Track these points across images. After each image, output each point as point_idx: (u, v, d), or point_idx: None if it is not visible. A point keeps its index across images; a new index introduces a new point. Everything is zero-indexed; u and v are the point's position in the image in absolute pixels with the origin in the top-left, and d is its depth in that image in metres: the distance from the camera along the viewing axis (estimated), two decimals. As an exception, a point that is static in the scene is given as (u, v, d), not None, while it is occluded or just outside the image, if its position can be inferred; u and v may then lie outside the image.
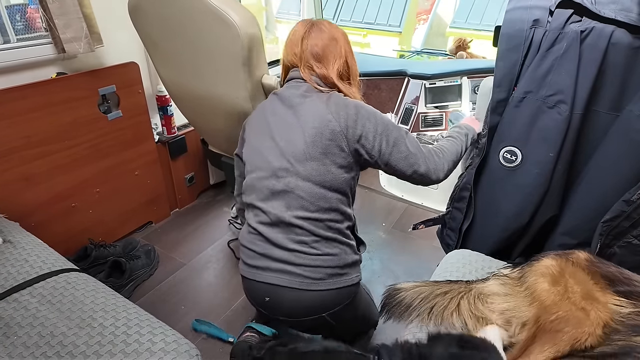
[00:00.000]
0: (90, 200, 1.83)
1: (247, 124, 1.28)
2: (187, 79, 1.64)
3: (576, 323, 0.82)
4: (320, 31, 1.18)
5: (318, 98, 1.14)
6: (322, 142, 1.09)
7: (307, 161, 1.10)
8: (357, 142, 1.11)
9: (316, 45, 1.17)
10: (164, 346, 0.93)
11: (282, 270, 1.12)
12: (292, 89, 1.18)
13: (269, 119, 1.19)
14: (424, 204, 2.39)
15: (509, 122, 1.20)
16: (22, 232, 1.32)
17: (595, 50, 1.05)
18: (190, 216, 2.28)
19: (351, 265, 1.17)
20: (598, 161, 1.13)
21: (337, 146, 1.10)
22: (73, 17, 1.54)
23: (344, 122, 1.10)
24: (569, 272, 0.88)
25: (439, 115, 2.43)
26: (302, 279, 1.11)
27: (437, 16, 6.81)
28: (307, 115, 1.12)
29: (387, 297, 1.04)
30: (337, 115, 1.10)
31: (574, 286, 0.86)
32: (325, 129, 1.09)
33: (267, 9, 5.44)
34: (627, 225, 1.06)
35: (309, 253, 1.11)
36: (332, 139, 1.09)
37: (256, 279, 1.16)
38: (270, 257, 1.14)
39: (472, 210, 1.34)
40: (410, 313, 1.00)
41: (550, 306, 0.86)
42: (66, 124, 1.66)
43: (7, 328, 0.96)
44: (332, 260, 1.12)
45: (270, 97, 1.25)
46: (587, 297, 0.84)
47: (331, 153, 1.10)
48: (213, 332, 1.54)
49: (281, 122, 1.16)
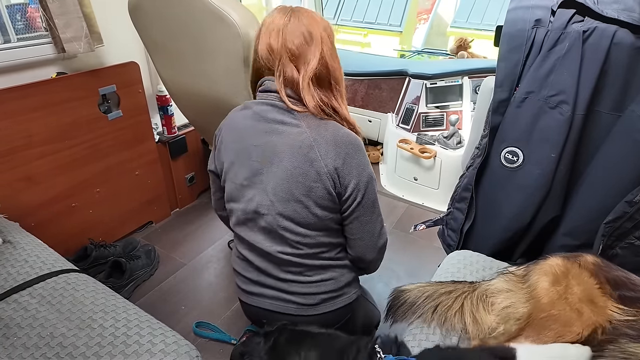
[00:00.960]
0: (90, 200, 1.83)
1: (221, 143, 1.09)
2: (187, 78, 1.63)
3: (565, 322, 0.83)
4: (300, 24, 0.97)
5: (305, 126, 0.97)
6: (306, 184, 0.97)
7: (289, 202, 0.99)
8: (341, 186, 0.99)
9: (292, 42, 0.97)
10: (164, 347, 0.93)
11: (276, 297, 1.09)
12: (269, 106, 1.01)
13: (246, 143, 1.02)
14: (425, 204, 2.39)
15: (511, 123, 1.19)
16: (22, 232, 1.32)
17: (598, 51, 1.05)
18: (191, 216, 2.27)
19: (348, 285, 1.12)
20: (600, 162, 1.13)
21: (321, 188, 0.97)
22: (73, 16, 1.53)
23: (332, 164, 0.96)
24: (573, 273, 0.88)
25: (440, 115, 2.42)
26: (297, 305, 1.07)
27: (437, 16, 6.80)
28: (291, 149, 0.97)
29: (392, 299, 1.03)
30: (326, 154, 0.96)
31: (574, 287, 0.85)
32: (308, 170, 0.96)
33: (268, 9, 5.43)
34: (629, 227, 1.05)
35: (302, 282, 1.07)
36: (316, 181, 0.97)
37: (252, 303, 1.14)
38: (263, 285, 1.10)
39: (474, 211, 1.34)
40: (415, 311, 1.00)
41: (545, 304, 0.86)
42: (66, 124, 1.65)
43: (7, 329, 0.96)
44: (327, 285, 1.08)
45: (243, 112, 1.06)
46: (585, 300, 0.84)
47: (316, 195, 0.98)
48: (215, 336, 1.54)
49: (260, 151, 1.00)
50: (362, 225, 1.05)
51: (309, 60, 0.97)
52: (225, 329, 1.56)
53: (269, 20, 1.01)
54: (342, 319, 1.14)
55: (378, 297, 1.46)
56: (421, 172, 2.36)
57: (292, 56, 0.97)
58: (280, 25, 0.98)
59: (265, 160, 1.00)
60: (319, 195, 0.98)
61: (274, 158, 0.99)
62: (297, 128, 0.98)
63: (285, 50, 0.97)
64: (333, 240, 1.08)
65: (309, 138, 0.97)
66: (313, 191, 0.98)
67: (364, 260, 1.12)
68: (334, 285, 1.08)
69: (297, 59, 0.98)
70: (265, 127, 1.01)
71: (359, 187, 1.00)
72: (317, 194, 0.98)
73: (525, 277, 0.95)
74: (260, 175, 1.01)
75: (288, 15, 0.99)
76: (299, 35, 0.97)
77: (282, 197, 0.99)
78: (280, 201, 0.99)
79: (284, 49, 0.97)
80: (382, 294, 1.60)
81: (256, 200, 1.02)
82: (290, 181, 0.98)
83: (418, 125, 2.43)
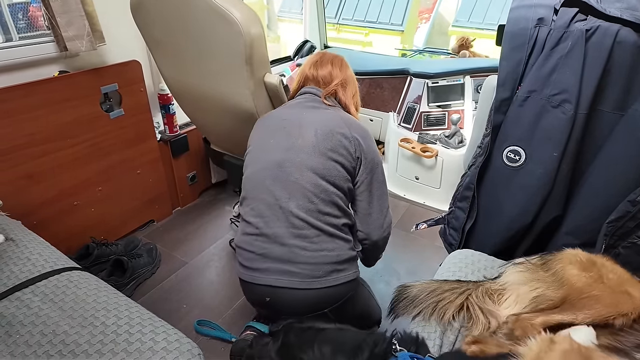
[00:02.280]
0: (92, 199, 1.83)
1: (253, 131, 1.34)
2: (189, 77, 1.63)
3: (610, 303, 0.81)
4: (349, 69, 1.39)
5: (333, 110, 1.26)
6: (333, 141, 1.16)
7: (314, 154, 1.15)
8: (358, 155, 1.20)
9: (345, 76, 1.36)
10: (166, 345, 0.93)
11: (281, 271, 1.12)
12: (303, 99, 1.30)
13: (278, 119, 1.27)
14: (426, 203, 2.39)
15: (513, 122, 1.19)
16: (24, 230, 1.32)
17: (601, 49, 1.04)
18: (192, 215, 2.28)
19: (349, 261, 1.18)
20: (603, 161, 1.13)
21: (345, 148, 1.17)
22: (75, 15, 1.53)
23: (356, 132, 1.20)
24: (600, 262, 0.88)
25: (442, 115, 2.42)
26: (302, 277, 1.11)
27: (439, 15, 6.80)
28: (322, 117, 1.21)
29: (397, 295, 1.04)
30: (350, 127, 1.20)
31: (609, 274, 0.85)
32: (336, 131, 1.18)
33: (269, 8, 5.43)
34: (632, 226, 1.05)
35: (309, 249, 1.12)
36: (342, 140, 1.17)
37: (255, 282, 1.16)
38: (269, 257, 1.14)
39: (475, 210, 1.34)
40: (416, 305, 1.00)
41: (582, 287, 0.85)
42: (68, 123, 1.65)
43: (10, 327, 0.96)
44: (331, 256, 1.13)
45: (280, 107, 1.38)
46: (628, 284, 0.83)
47: (338, 153, 1.16)
48: (216, 334, 1.54)
49: (291, 122, 1.22)
50: (372, 199, 1.24)
51: (352, 91, 1.37)
52: (226, 327, 1.56)
53: (328, 56, 1.39)
54: (343, 296, 1.17)
55: (379, 296, 1.46)
56: (423, 172, 2.35)
57: (345, 84, 1.35)
58: (339, 63, 1.37)
59: (296, 125, 1.20)
60: (342, 153, 1.17)
61: (306, 125, 1.19)
62: (327, 109, 1.26)
63: (340, 78, 1.34)
64: (345, 207, 1.20)
65: (338, 115, 1.24)
66: (337, 149, 1.16)
67: (371, 238, 1.27)
68: (336, 258, 1.14)
69: (346, 87, 1.35)
70: (300, 109, 1.27)
71: (373, 163, 1.22)
72: (340, 152, 1.17)
73: (545, 265, 0.95)
74: (289, 137, 1.19)
75: (343, 61, 1.40)
76: (350, 74, 1.38)
77: (308, 151, 1.16)
78: (307, 153, 1.16)
79: (339, 77, 1.34)
80: (383, 293, 1.60)
81: (280, 157, 1.17)
82: (318, 137, 1.16)
83: (420, 124, 2.43)
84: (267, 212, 1.16)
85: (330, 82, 1.33)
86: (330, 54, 1.41)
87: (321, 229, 1.13)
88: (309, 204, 1.13)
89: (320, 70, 1.34)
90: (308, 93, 1.32)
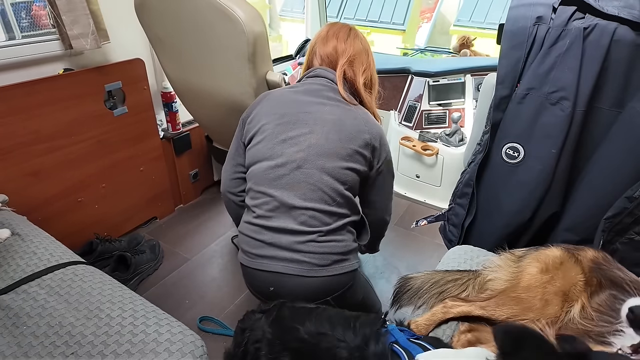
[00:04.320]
0: (96, 196, 1.85)
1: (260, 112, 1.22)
2: (192, 75, 1.65)
3: (526, 307, 0.86)
4: (359, 39, 1.26)
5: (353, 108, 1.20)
6: (354, 145, 1.14)
7: (334, 158, 1.12)
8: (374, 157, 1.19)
9: (355, 49, 1.23)
10: (169, 337, 0.94)
11: (289, 259, 1.11)
12: (322, 85, 1.21)
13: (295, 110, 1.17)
14: (427, 201, 2.40)
15: (512, 119, 1.20)
16: (30, 225, 1.34)
17: (598, 47, 1.06)
18: (195, 212, 2.30)
19: (352, 252, 1.19)
20: (600, 157, 1.14)
21: (363, 156, 1.15)
22: (80, 13, 1.55)
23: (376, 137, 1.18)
24: (565, 266, 0.89)
25: (442, 113, 2.43)
26: (309, 266, 1.11)
27: (440, 14, 6.80)
28: (343, 116, 1.15)
29: (399, 286, 1.06)
30: (371, 129, 1.17)
31: (558, 281, 0.87)
32: (359, 137, 1.14)
33: (271, 7, 5.44)
34: (629, 222, 1.06)
35: (318, 241, 1.11)
36: (362, 147, 1.15)
37: (261, 268, 1.15)
38: (278, 246, 1.13)
39: (475, 207, 1.35)
40: (420, 296, 1.03)
41: (521, 287, 0.90)
42: (73, 120, 1.68)
43: (17, 318, 0.98)
44: (338, 246, 1.14)
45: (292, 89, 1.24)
46: (560, 293, 0.86)
47: (357, 161, 1.15)
48: (218, 331, 1.56)
49: (312, 117, 1.15)
50: (380, 190, 1.27)
51: (363, 69, 1.24)
52: (228, 323, 1.58)
53: (336, 28, 1.26)
54: (344, 285, 1.17)
55: (380, 292, 1.47)
56: (423, 170, 2.37)
57: (353, 61, 1.22)
58: (345, 35, 1.24)
59: (318, 123, 1.14)
60: (358, 160, 1.14)
61: (326, 122, 1.14)
62: (347, 105, 1.19)
63: (347, 53, 1.22)
64: (355, 203, 1.20)
65: (358, 113, 1.18)
66: (357, 155, 1.14)
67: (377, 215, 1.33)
68: (343, 248, 1.15)
69: (356, 65, 1.23)
70: (319, 100, 1.18)
71: (386, 160, 1.22)
72: (357, 159, 1.14)
73: (520, 259, 0.98)
74: (307, 135, 1.13)
75: (352, 30, 1.27)
76: (358, 47, 1.24)
77: (329, 154, 1.12)
78: (326, 157, 1.12)
79: (346, 52, 1.22)
80: (383, 290, 1.62)
81: (301, 156, 1.13)
82: (341, 142, 1.13)
83: (420, 122, 2.44)
84: (280, 209, 1.13)
85: (336, 60, 1.23)
86: (338, 25, 1.28)
87: (333, 227, 1.13)
88: (325, 206, 1.12)
89: (325, 47, 1.24)
90: (323, 77, 1.22)
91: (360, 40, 1.26)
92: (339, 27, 1.26)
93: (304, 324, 0.82)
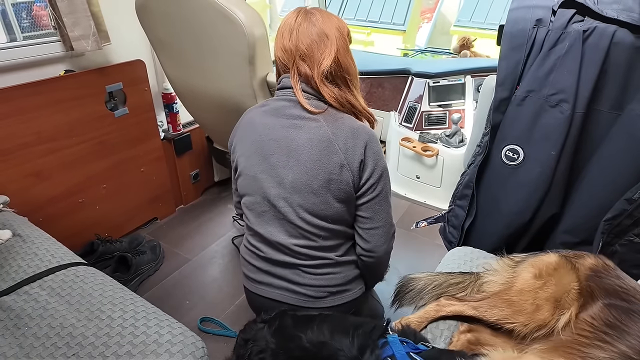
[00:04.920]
0: (97, 196, 1.85)
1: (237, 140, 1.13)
2: (192, 76, 1.65)
3: (517, 311, 0.87)
4: (311, 24, 1.01)
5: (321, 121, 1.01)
6: (325, 177, 1.00)
7: (308, 195, 1.01)
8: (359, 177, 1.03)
9: (302, 42, 1.01)
10: (170, 338, 0.95)
11: (286, 288, 1.10)
12: (286, 101, 1.05)
13: (264, 138, 1.05)
14: (427, 202, 2.40)
15: (512, 121, 1.21)
16: (31, 226, 1.35)
17: (598, 50, 1.06)
18: (195, 213, 2.30)
19: (354, 280, 1.14)
20: (600, 160, 1.14)
21: (342, 180, 1.01)
22: (81, 15, 1.56)
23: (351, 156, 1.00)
24: (559, 273, 0.89)
25: (443, 114, 2.44)
26: (305, 297, 1.09)
27: (441, 15, 6.80)
28: (310, 142, 1.00)
29: (401, 286, 1.06)
30: (345, 144, 1.00)
31: (550, 287, 0.88)
32: (329, 162, 0.99)
33: (271, 7, 5.44)
34: (628, 224, 1.07)
35: (312, 273, 1.09)
36: (337, 172, 1.00)
37: (260, 293, 1.15)
38: (272, 275, 1.12)
39: (475, 208, 1.35)
40: (422, 297, 1.03)
41: (514, 290, 0.90)
42: (74, 121, 1.68)
43: (18, 319, 0.99)
44: (336, 278, 1.10)
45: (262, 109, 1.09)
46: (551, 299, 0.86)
47: (334, 187, 1.01)
48: (219, 332, 1.56)
49: (279, 147, 1.03)
50: (376, 214, 1.07)
51: (322, 59, 1.01)
52: (229, 324, 1.58)
53: (283, 22, 1.05)
54: (347, 312, 1.16)
55: (379, 293, 1.48)
56: (423, 171, 2.37)
57: (304, 56, 1.01)
58: (292, 26, 1.02)
59: (284, 154, 1.03)
60: (338, 187, 1.01)
61: (292, 152, 1.02)
62: (316, 122, 1.01)
63: (297, 50, 1.01)
64: (348, 230, 1.10)
65: (328, 132, 1.00)
66: (332, 183, 1.00)
67: (374, 252, 1.11)
68: (341, 280, 1.10)
69: (308, 58, 1.01)
70: (284, 122, 1.04)
71: (375, 174, 1.03)
72: (335, 186, 1.01)
73: (517, 264, 0.98)
74: (278, 169, 1.03)
75: (302, 16, 1.03)
76: (309, 36, 1.01)
77: (301, 190, 1.01)
78: (299, 193, 1.02)
79: (296, 49, 1.01)
80: (383, 291, 1.62)
81: (275, 193, 1.04)
82: (309, 174, 1.00)
83: (420, 123, 2.44)
84: (268, 244, 1.10)
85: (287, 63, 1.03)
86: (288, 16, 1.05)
87: (326, 262, 1.08)
88: (310, 242, 1.05)
89: (276, 51, 1.05)
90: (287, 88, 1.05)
91: (313, 24, 1.02)
92: (288, 18, 1.05)
93: (307, 332, 0.82)
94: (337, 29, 1.04)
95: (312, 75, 1.01)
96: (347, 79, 1.06)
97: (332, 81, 1.04)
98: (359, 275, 1.17)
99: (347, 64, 1.05)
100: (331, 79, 1.04)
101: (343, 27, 1.06)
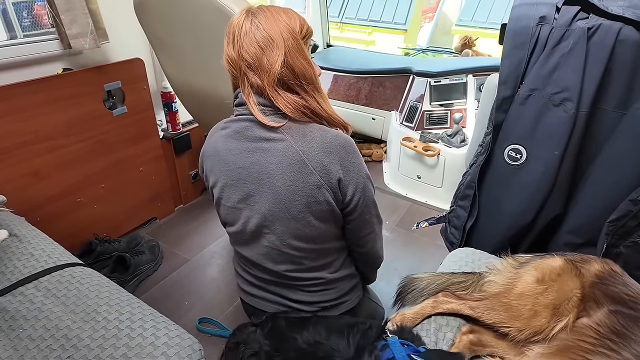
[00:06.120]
0: (95, 196, 1.84)
1: (207, 169, 1.05)
2: (191, 75, 1.64)
3: (514, 315, 0.86)
4: (255, 28, 0.88)
5: (286, 140, 0.91)
6: (303, 200, 0.92)
7: (289, 220, 0.95)
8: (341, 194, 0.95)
9: (247, 51, 0.88)
10: (167, 340, 0.93)
11: (279, 303, 1.10)
12: (246, 121, 0.95)
13: (233, 166, 0.97)
14: (428, 202, 2.39)
15: (514, 120, 1.19)
16: (28, 226, 1.33)
17: (603, 48, 1.04)
18: (194, 212, 2.29)
19: (350, 292, 1.13)
20: (604, 160, 1.12)
21: (321, 201, 0.93)
22: (79, 12, 1.54)
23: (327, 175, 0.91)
24: (563, 279, 0.87)
25: (444, 113, 2.42)
26: (298, 312, 1.09)
27: (442, 14, 6.78)
28: (279, 165, 0.91)
29: (403, 285, 1.05)
30: (316, 161, 0.90)
31: (551, 293, 0.86)
32: (305, 184, 0.91)
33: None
34: (633, 225, 1.05)
35: (305, 291, 1.08)
36: (315, 194, 0.92)
37: (253, 305, 1.15)
38: (265, 290, 1.11)
39: (477, 209, 1.34)
40: (423, 295, 1.03)
41: (514, 294, 0.89)
42: (72, 120, 1.67)
43: (13, 321, 0.97)
44: (330, 293, 1.09)
45: (224, 132, 0.99)
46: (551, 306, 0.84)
47: (314, 209, 0.94)
48: (218, 332, 1.55)
49: (248, 172, 0.95)
50: (366, 223, 1.04)
51: (270, 65, 0.88)
52: (227, 325, 1.57)
53: (227, 26, 0.93)
54: None
55: (380, 294, 1.46)
56: (425, 170, 2.35)
57: (251, 65, 0.89)
58: (235, 32, 0.90)
59: (256, 182, 0.95)
60: (319, 208, 0.94)
61: (264, 179, 0.94)
62: (282, 142, 0.91)
63: (241, 60, 0.90)
64: (339, 244, 1.08)
65: (298, 152, 0.90)
66: (312, 206, 0.93)
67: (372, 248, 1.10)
68: (336, 294, 1.09)
69: (257, 68, 0.89)
70: (249, 146, 0.94)
71: (357, 189, 0.96)
72: (316, 208, 0.94)
73: (521, 265, 0.96)
74: (253, 197, 0.96)
75: (245, 19, 0.90)
76: (254, 42, 0.88)
77: (281, 217, 0.95)
78: (280, 221, 0.96)
79: (240, 58, 0.90)
80: (383, 292, 1.60)
81: (254, 222, 0.98)
82: (285, 200, 0.93)
83: (422, 123, 2.42)
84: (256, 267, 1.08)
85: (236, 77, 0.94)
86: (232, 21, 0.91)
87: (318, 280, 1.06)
88: (298, 266, 1.03)
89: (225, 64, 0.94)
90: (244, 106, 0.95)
91: (257, 27, 0.88)
92: (231, 21, 0.92)
93: (302, 333, 0.81)
94: (287, 28, 0.89)
95: (264, 85, 0.89)
96: (304, 85, 0.92)
97: (287, 88, 0.91)
98: (357, 284, 1.16)
99: (300, 67, 0.90)
100: (286, 87, 0.91)
101: (294, 25, 0.91)
